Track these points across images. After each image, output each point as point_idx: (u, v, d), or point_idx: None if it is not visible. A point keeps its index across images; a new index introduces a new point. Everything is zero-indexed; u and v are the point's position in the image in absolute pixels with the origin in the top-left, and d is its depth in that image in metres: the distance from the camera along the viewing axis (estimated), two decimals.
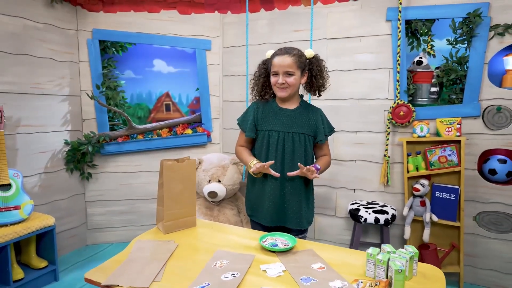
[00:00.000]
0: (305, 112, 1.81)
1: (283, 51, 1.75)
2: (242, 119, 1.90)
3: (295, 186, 1.78)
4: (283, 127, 1.75)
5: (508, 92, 2.37)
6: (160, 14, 3.11)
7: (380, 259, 1.19)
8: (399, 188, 2.70)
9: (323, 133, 1.81)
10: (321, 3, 2.82)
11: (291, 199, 1.77)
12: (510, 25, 2.28)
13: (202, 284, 1.18)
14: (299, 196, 1.78)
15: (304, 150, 1.77)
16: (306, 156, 1.78)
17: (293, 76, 1.72)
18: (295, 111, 1.80)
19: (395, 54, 2.60)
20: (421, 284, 1.19)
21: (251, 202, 1.88)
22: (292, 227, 1.79)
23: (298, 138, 1.75)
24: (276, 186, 1.76)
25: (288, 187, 1.76)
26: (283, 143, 1.75)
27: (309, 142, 1.79)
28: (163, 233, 1.61)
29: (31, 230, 2.37)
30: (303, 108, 1.82)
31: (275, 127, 1.76)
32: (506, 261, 2.44)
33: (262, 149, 1.79)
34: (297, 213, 1.78)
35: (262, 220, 1.81)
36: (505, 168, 2.40)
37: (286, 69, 1.71)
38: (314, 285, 1.18)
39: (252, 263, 1.33)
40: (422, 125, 2.51)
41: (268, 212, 1.78)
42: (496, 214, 2.45)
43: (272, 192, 1.76)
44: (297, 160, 1.74)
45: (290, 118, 1.77)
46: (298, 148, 1.75)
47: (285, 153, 1.75)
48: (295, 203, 1.77)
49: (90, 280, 1.21)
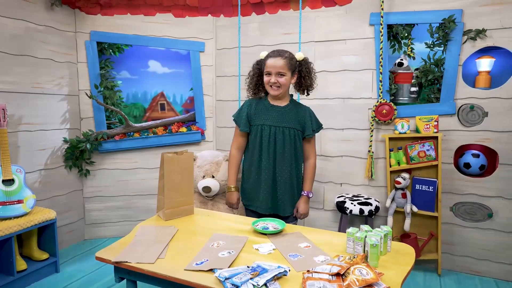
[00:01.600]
0: (294, 109, 1.99)
1: (276, 53, 1.92)
2: (237, 115, 2.06)
3: (287, 176, 1.95)
4: (274, 122, 1.92)
5: (481, 91, 2.56)
6: (156, 17, 3.24)
7: (358, 237, 1.36)
8: (382, 181, 2.88)
9: (311, 129, 1.98)
10: (309, 8, 2.99)
11: (283, 189, 1.95)
12: (481, 30, 2.48)
13: (202, 260, 1.33)
14: (291, 186, 1.96)
15: (294, 143, 1.95)
16: (296, 149, 1.96)
17: (284, 76, 1.90)
18: (285, 107, 1.97)
19: (378, 56, 2.78)
20: (394, 258, 1.36)
21: (247, 192, 2.04)
22: (284, 215, 1.96)
23: (288, 132, 1.93)
24: (270, 176, 1.94)
25: (280, 178, 1.94)
26: (275, 137, 1.92)
27: (298, 137, 1.96)
28: (164, 220, 1.76)
29: (34, 223, 2.48)
30: (292, 105, 2.00)
31: (266, 122, 1.93)
32: (480, 248, 2.64)
33: (255, 142, 1.96)
34: (289, 201, 1.96)
35: (259, 208, 1.98)
36: (478, 162, 2.60)
37: (278, 70, 1.88)
38: (301, 260, 1.34)
39: (245, 244, 1.49)
40: (403, 123, 2.69)
41: (264, 200, 1.95)
42: (470, 205, 2.64)
43: (267, 182, 1.94)
44: (288, 152, 1.92)
45: (280, 114, 1.94)
46: (288, 141, 1.93)
47: (276, 146, 1.92)
48: (287, 192, 1.96)
49: (101, 258, 1.35)
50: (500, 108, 2.50)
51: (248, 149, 2.02)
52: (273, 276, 1.17)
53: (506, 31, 2.44)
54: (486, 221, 2.60)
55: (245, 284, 1.14)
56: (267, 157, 1.91)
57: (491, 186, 2.57)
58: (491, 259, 2.61)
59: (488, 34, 2.48)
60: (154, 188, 3.36)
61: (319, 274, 1.16)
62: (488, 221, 2.60)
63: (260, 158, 1.95)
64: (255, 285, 1.13)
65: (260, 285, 1.13)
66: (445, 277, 2.64)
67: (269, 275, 1.17)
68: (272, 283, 1.16)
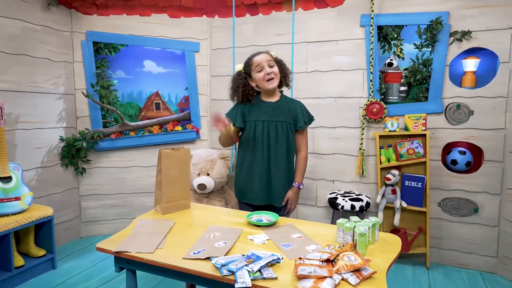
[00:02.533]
0: (285, 103, 2.08)
1: (259, 52, 2.06)
2: (230, 113, 2.13)
3: (281, 168, 2.04)
4: (267, 117, 2.00)
5: (467, 91, 2.66)
6: (151, 18, 3.30)
7: (348, 226, 1.43)
8: (373, 178, 2.97)
9: (303, 121, 2.08)
10: (302, 9, 3.07)
11: (278, 180, 2.03)
12: (466, 32, 2.57)
13: (199, 250, 1.39)
14: (285, 177, 2.05)
15: (287, 136, 2.03)
16: (288, 141, 2.04)
17: (274, 67, 2.02)
18: (277, 103, 2.06)
19: (369, 57, 2.87)
20: (381, 247, 1.44)
21: (240, 186, 2.11)
22: (278, 205, 2.03)
23: (281, 126, 2.01)
24: (264, 169, 2.02)
25: (275, 170, 2.02)
26: (268, 131, 2.01)
27: (290, 130, 2.05)
28: (161, 213, 1.81)
29: (32, 220, 2.52)
30: (283, 100, 2.09)
31: (260, 118, 2.00)
32: (466, 242, 2.73)
33: (249, 137, 2.04)
34: (284, 192, 2.05)
35: (253, 200, 2.05)
36: (465, 158, 2.70)
37: (269, 61, 2.00)
38: (293, 249, 1.41)
39: (240, 235, 1.55)
40: (393, 121, 2.78)
41: (257, 191, 2.02)
42: (457, 200, 2.74)
43: (261, 174, 2.02)
44: (281, 144, 2.01)
45: (272, 109, 2.02)
46: (281, 135, 2.01)
47: (270, 140, 2.00)
48: (281, 183, 2.04)
49: (102, 249, 1.41)
50: (485, 107, 2.60)
51: (241, 145, 2.10)
52: (267, 263, 1.24)
53: (490, 33, 2.54)
54: (472, 215, 2.70)
55: (240, 270, 1.20)
56: (261, 151, 1.99)
57: (477, 182, 2.67)
58: (477, 252, 2.71)
59: (473, 36, 2.58)
60: (150, 186, 3.41)
61: (310, 261, 1.23)
62: (474, 215, 2.69)
63: (253, 152, 2.03)
64: (250, 271, 1.20)
65: (255, 271, 1.19)
66: (433, 270, 2.73)
67: (263, 262, 1.23)
68: (266, 269, 1.22)
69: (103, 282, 2.52)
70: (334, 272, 1.18)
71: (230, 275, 1.20)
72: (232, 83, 2.10)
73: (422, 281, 2.55)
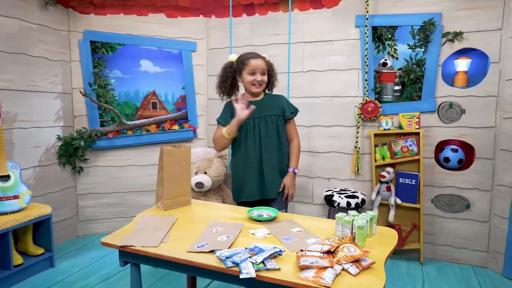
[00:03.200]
0: (270, 99, 2.18)
1: (256, 55, 2.11)
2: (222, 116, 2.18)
3: (273, 158, 2.11)
4: (255, 114, 2.09)
5: (459, 90, 2.74)
6: (148, 17, 3.32)
7: (346, 220, 1.48)
8: (368, 176, 3.03)
9: (289, 111, 2.17)
10: (298, 10, 3.12)
11: (270, 170, 2.09)
12: (458, 33, 2.65)
13: (202, 243, 1.43)
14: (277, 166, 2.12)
15: (276, 128, 2.11)
16: (279, 133, 2.12)
17: (265, 75, 2.11)
18: (262, 100, 2.16)
19: (363, 57, 2.93)
20: (378, 240, 1.49)
21: (237, 185, 2.16)
22: (273, 197, 2.08)
23: (270, 120, 2.10)
24: (256, 163, 2.08)
25: (267, 162, 2.09)
26: (258, 127, 2.09)
27: (280, 122, 2.13)
28: (163, 210, 1.84)
29: (30, 218, 2.53)
30: (268, 97, 2.19)
31: (249, 116, 2.05)
32: (458, 237, 2.81)
33: (241, 136, 2.11)
34: (276, 181, 2.11)
35: (248, 197, 2.09)
36: (457, 156, 2.77)
37: (262, 69, 2.09)
38: (294, 242, 1.46)
39: (242, 229, 1.59)
40: (387, 119, 2.84)
41: (252, 187, 2.08)
42: (450, 196, 2.81)
43: (254, 168, 2.08)
44: (272, 137, 2.09)
45: (260, 106, 2.11)
46: (271, 128, 2.10)
47: (261, 135, 2.09)
48: (274, 173, 2.10)
49: (107, 244, 1.43)
50: (476, 106, 2.68)
51: (235, 145, 2.15)
52: (269, 255, 1.28)
53: (481, 34, 2.61)
54: (464, 211, 2.77)
55: (244, 262, 1.24)
56: (253, 146, 2.07)
57: (469, 179, 2.74)
58: (469, 247, 2.78)
59: (465, 37, 2.66)
60: (147, 185, 3.43)
61: (311, 252, 1.27)
62: (466, 211, 2.77)
63: (246, 149, 2.10)
64: (253, 262, 1.24)
65: (259, 262, 1.23)
66: (427, 265, 2.79)
67: (266, 254, 1.27)
68: (269, 261, 1.26)
69: (101, 280, 2.54)
70: (335, 263, 1.23)
71: (235, 266, 1.24)
72: (222, 72, 2.19)
73: (416, 276, 2.61)
